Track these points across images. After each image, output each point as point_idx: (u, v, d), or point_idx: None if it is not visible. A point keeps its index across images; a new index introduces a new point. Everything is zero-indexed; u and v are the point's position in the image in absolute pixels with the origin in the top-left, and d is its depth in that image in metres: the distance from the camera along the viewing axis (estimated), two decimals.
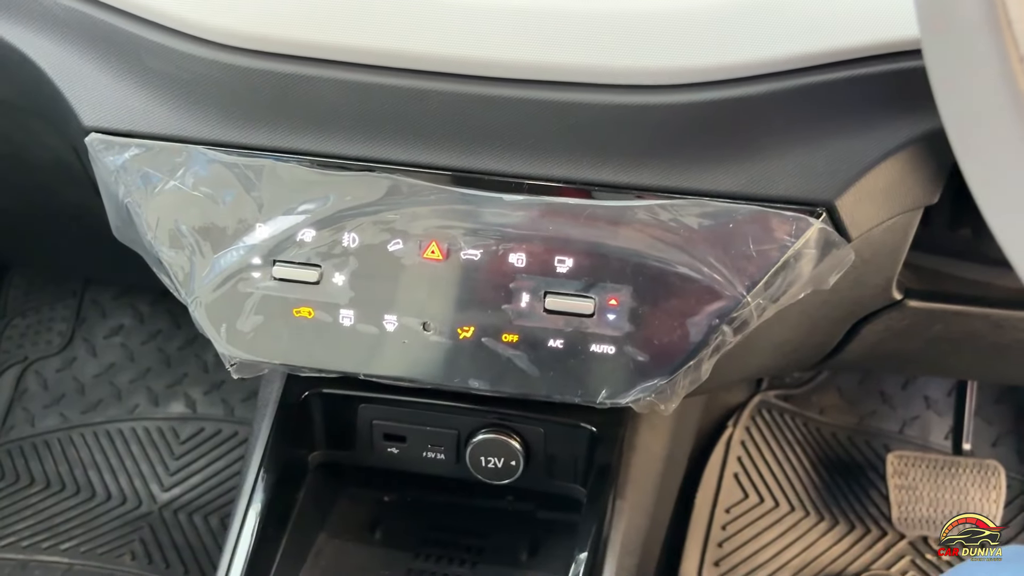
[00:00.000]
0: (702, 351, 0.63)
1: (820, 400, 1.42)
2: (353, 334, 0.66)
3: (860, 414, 1.41)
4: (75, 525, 1.37)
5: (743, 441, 1.34)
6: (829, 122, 0.58)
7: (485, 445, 0.77)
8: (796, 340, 0.79)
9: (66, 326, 1.55)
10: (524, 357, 0.65)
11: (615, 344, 0.63)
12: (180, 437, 1.47)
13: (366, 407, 0.78)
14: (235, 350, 0.67)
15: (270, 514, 0.72)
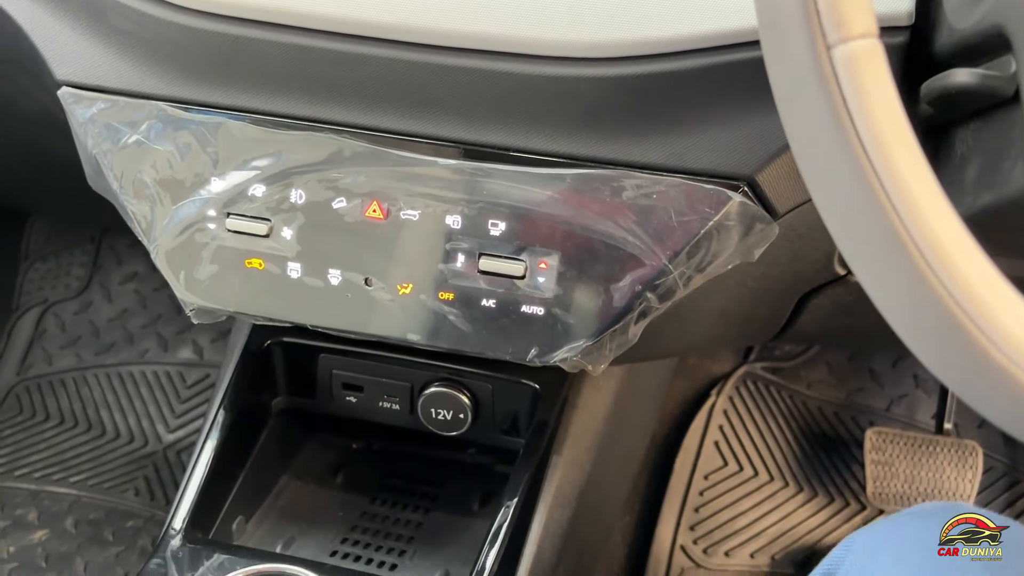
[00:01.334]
0: (627, 316, 0.66)
1: (808, 374, 1.43)
2: (300, 286, 0.69)
3: (848, 390, 1.42)
4: (84, 460, 1.44)
5: (725, 410, 1.37)
6: (751, 99, 0.60)
7: (436, 398, 0.80)
8: (740, 311, 0.80)
9: (84, 271, 1.61)
10: (459, 314, 0.68)
11: (544, 305, 0.66)
12: (187, 382, 1.53)
13: (326, 357, 0.82)
14: (193, 296, 0.71)
15: (226, 452, 0.77)
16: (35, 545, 1.31)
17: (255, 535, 0.80)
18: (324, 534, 0.82)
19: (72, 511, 1.36)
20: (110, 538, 1.32)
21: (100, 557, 1.30)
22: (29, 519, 1.35)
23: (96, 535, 1.33)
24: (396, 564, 0.80)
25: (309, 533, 0.82)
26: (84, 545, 1.31)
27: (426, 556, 0.81)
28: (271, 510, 0.84)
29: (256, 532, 0.81)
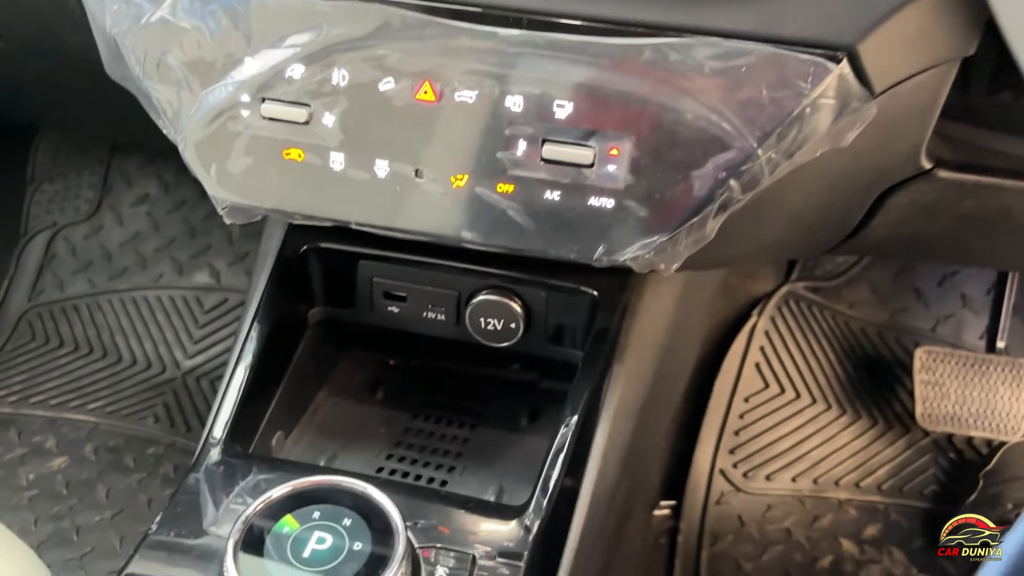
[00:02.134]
0: (707, 207, 0.60)
1: (851, 294, 1.37)
2: (343, 179, 0.63)
3: (892, 310, 1.37)
4: (102, 387, 1.40)
5: (767, 331, 1.31)
6: None
7: (485, 306, 0.75)
8: (814, 213, 0.74)
9: (93, 193, 1.55)
10: (519, 209, 0.62)
11: (614, 197, 0.60)
12: (204, 307, 1.48)
13: (366, 264, 0.76)
14: (225, 192, 0.66)
15: (263, 365, 0.71)
16: (54, 472, 1.27)
17: (295, 451, 0.76)
18: (367, 450, 0.77)
19: (91, 438, 1.32)
20: (131, 465, 1.29)
21: (122, 483, 1.26)
22: (47, 446, 1.31)
23: (116, 462, 1.29)
24: (446, 480, 0.75)
25: (351, 449, 0.77)
26: (105, 472, 1.27)
27: (476, 472, 0.76)
28: (309, 426, 0.79)
29: (296, 448, 0.76)
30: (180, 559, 0.57)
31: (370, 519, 0.56)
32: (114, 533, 1.20)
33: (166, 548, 0.58)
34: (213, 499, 0.61)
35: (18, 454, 1.30)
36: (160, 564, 0.57)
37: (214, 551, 0.58)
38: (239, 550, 0.54)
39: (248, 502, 0.61)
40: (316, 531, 0.55)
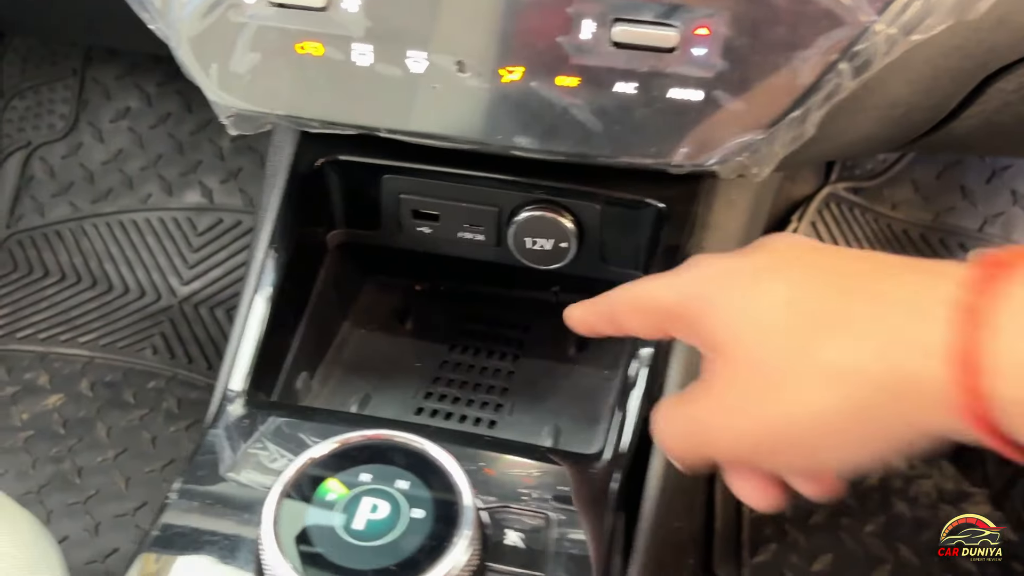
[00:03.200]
0: (812, 97, 0.50)
1: (893, 194, 1.28)
2: (371, 76, 0.53)
3: (936, 210, 1.28)
4: (93, 318, 1.30)
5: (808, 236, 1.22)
6: None
7: (531, 224, 0.65)
8: (911, 100, 0.64)
9: (68, 108, 1.43)
10: (584, 106, 0.52)
11: (702, 87, 0.50)
12: (197, 229, 1.38)
13: (391, 178, 0.66)
14: (229, 97, 0.55)
15: (281, 298, 0.62)
16: (50, 411, 1.19)
17: (322, 394, 0.67)
18: (403, 389, 0.69)
19: (86, 373, 1.23)
20: (131, 400, 1.20)
21: (123, 421, 1.18)
22: (40, 383, 1.22)
23: (115, 398, 1.20)
24: (494, 420, 0.67)
25: (385, 389, 0.68)
26: (103, 409, 1.19)
27: (527, 410, 0.68)
28: (335, 364, 0.70)
29: (323, 390, 0.67)
30: (205, 545, 0.48)
31: (429, 480, 0.48)
32: (119, 474, 1.12)
33: (186, 527, 0.50)
34: (240, 461, 0.53)
35: (9, 392, 1.21)
36: (179, 550, 0.49)
37: (247, 524, 0.49)
38: (279, 528, 0.45)
39: (281, 462, 0.52)
40: (368, 497, 0.47)
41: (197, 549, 0.48)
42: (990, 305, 0.32)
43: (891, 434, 0.36)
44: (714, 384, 0.41)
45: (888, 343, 0.34)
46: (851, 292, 0.37)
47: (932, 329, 0.33)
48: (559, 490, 0.52)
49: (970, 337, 0.32)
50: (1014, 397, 0.31)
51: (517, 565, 0.48)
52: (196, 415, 1.19)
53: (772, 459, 0.40)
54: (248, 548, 0.48)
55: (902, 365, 0.34)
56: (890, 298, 0.35)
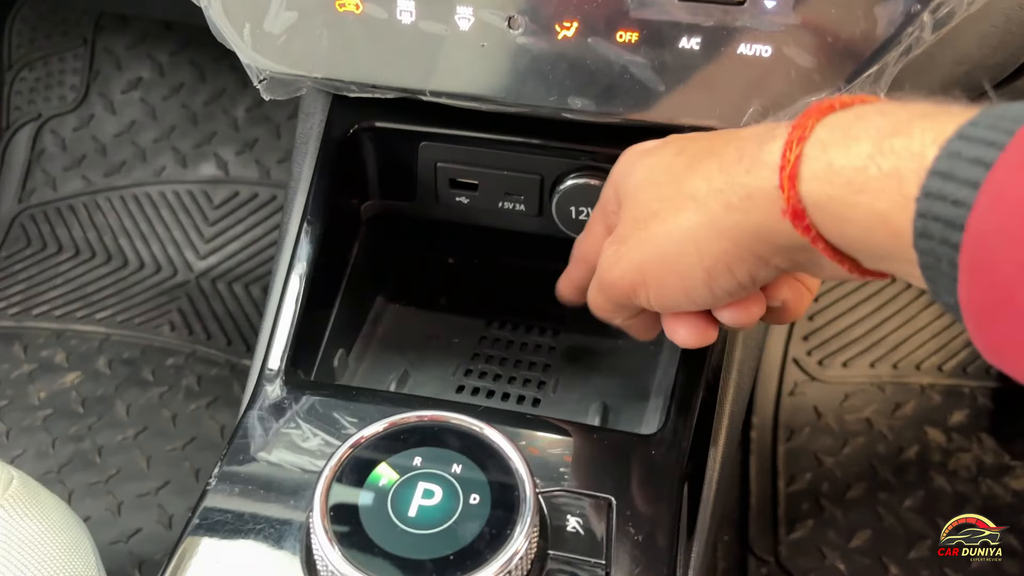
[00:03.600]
0: (890, 53, 0.47)
1: None
2: (415, 35, 0.50)
3: None
4: (109, 294, 1.28)
5: None
6: None
7: (576, 192, 0.62)
8: (978, 56, 0.61)
9: (79, 79, 1.39)
10: (645, 64, 0.48)
11: (772, 43, 0.47)
12: (213, 202, 1.35)
13: (428, 145, 0.63)
14: (263, 59, 0.52)
15: (318, 274, 0.59)
16: (68, 389, 1.17)
17: (359, 372, 0.64)
18: (442, 366, 0.66)
19: (103, 350, 1.21)
20: (150, 378, 1.18)
21: (142, 399, 1.16)
22: (57, 361, 1.20)
23: (134, 375, 1.18)
24: (538, 398, 0.64)
25: (423, 366, 0.66)
26: (122, 387, 1.17)
27: (572, 387, 0.65)
28: (371, 340, 0.67)
29: (360, 368, 0.64)
30: (250, 530, 0.46)
31: (485, 464, 0.45)
32: (139, 453, 1.10)
33: (228, 512, 0.47)
34: (282, 443, 0.50)
35: (26, 371, 1.19)
36: (223, 536, 0.46)
37: (292, 509, 0.47)
38: (328, 516, 0.43)
39: (325, 443, 0.49)
40: (422, 482, 0.44)
41: (242, 535, 0.46)
42: (812, 128, 0.38)
43: (744, 245, 0.42)
44: (617, 229, 0.48)
45: (737, 166, 0.41)
46: (724, 138, 0.43)
47: (771, 150, 0.39)
48: (619, 472, 0.49)
49: (794, 153, 0.38)
50: (816, 198, 0.38)
51: (580, 552, 0.45)
52: (216, 392, 1.17)
53: (659, 290, 0.46)
54: (294, 534, 0.46)
55: (746, 182, 0.40)
56: (748, 135, 0.42)
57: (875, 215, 0.36)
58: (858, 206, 0.36)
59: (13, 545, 0.51)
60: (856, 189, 0.36)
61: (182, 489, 1.06)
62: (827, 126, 0.38)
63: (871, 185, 0.36)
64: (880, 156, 0.36)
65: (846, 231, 0.38)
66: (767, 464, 1.09)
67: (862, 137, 0.36)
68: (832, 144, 0.37)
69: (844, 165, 0.37)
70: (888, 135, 0.36)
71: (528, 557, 0.43)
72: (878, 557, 0.99)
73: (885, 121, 0.36)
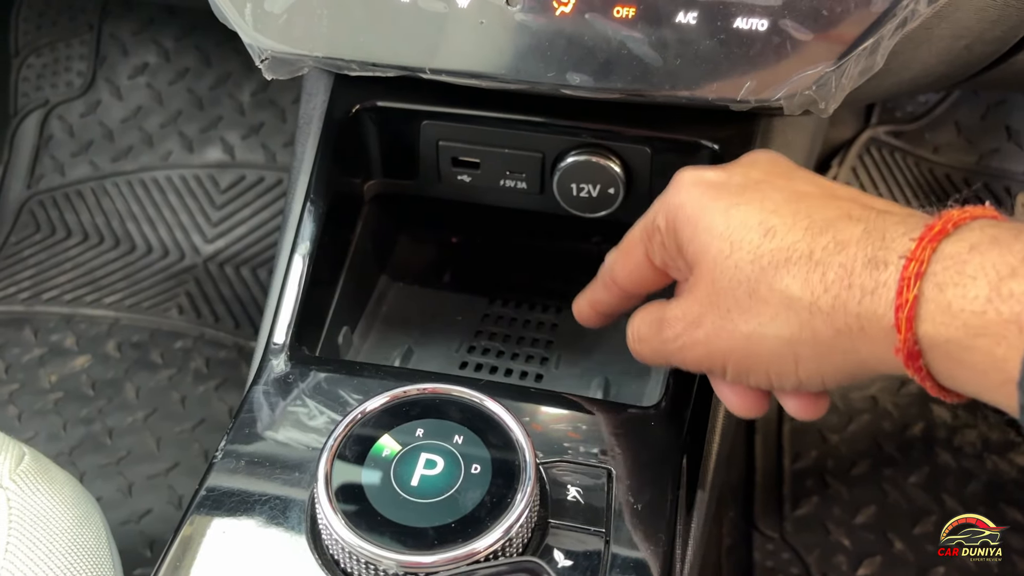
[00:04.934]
0: (885, 25, 0.47)
1: (935, 137, 1.24)
2: (414, 13, 0.50)
3: (980, 152, 1.24)
4: (118, 279, 1.29)
5: (848, 182, 1.18)
6: None
7: (577, 169, 0.62)
8: (978, 30, 0.61)
9: (85, 65, 1.40)
10: (642, 39, 0.49)
11: (769, 16, 0.47)
12: (220, 186, 1.35)
13: (430, 124, 0.63)
14: (265, 38, 0.52)
15: (322, 253, 0.60)
16: (78, 372, 1.18)
17: (363, 348, 0.65)
18: (446, 343, 0.67)
19: (112, 334, 1.22)
20: (159, 361, 1.19)
21: (151, 381, 1.17)
22: (67, 345, 1.21)
23: (143, 358, 1.19)
24: (541, 374, 0.65)
25: (427, 343, 0.66)
26: (132, 370, 1.18)
27: (574, 363, 0.66)
28: (374, 318, 0.68)
29: (364, 344, 0.65)
30: (255, 505, 0.47)
31: (486, 436, 0.46)
32: (149, 435, 1.12)
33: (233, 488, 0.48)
34: (286, 418, 0.51)
35: (37, 354, 1.20)
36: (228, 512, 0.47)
37: (297, 483, 0.48)
38: (333, 486, 0.43)
39: (329, 418, 0.50)
40: (424, 453, 0.45)
41: (247, 510, 0.47)
42: (929, 259, 0.36)
43: (842, 361, 0.41)
44: (689, 300, 0.45)
45: (846, 290, 0.39)
46: (818, 230, 0.40)
47: (884, 281, 0.37)
48: (619, 443, 0.50)
49: (912, 293, 0.36)
50: (932, 339, 0.36)
51: (580, 521, 0.46)
52: (225, 374, 1.18)
53: (738, 374, 0.44)
54: (299, 508, 0.47)
55: (859, 312, 0.38)
56: (849, 240, 0.39)
57: (992, 360, 0.35)
58: (975, 350, 0.35)
59: (26, 520, 0.52)
60: (974, 333, 0.35)
61: (191, 470, 1.07)
62: (941, 260, 0.36)
63: (990, 330, 0.35)
64: (999, 300, 0.35)
65: (958, 372, 0.37)
66: (772, 441, 1.09)
67: (979, 276, 0.35)
68: (949, 284, 0.36)
69: (962, 308, 0.36)
70: (1007, 276, 0.35)
71: (528, 525, 0.44)
72: (883, 533, 0.99)
73: (1001, 257, 0.35)
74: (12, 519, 0.52)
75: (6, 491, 0.53)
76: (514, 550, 0.43)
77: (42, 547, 0.51)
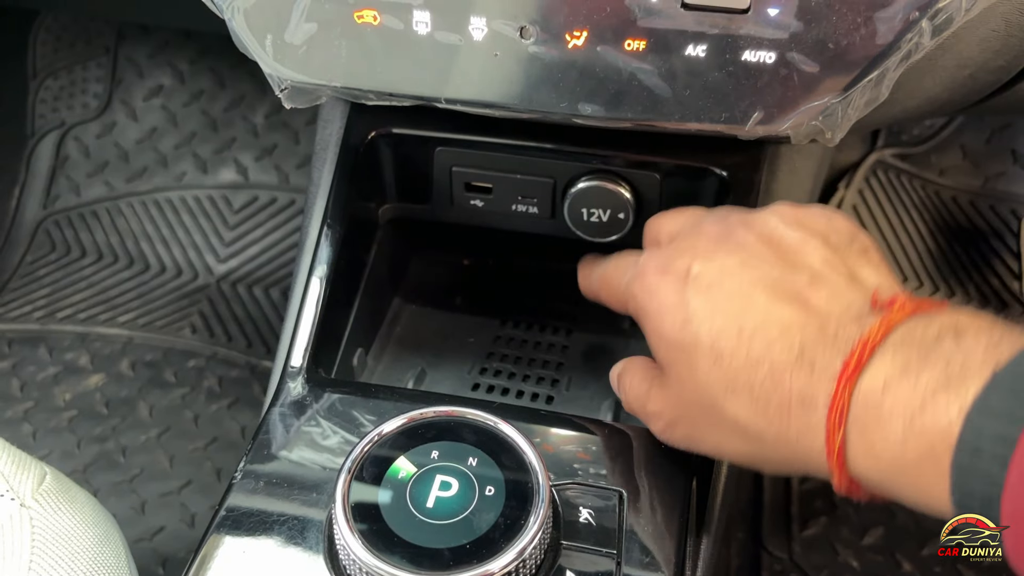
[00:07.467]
0: (889, 58, 0.48)
1: (941, 160, 1.25)
2: (430, 46, 0.51)
3: (985, 175, 1.25)
4: (131, 298, 1.31)
5: (855, 205, 1.20)
6: None
7: (588, 195, 0.63)
8: (980, 60, 0.62)
9: (102, 87, 1.42)
10: (652, 71, 0.50)
11: (776, 49, 0.48)
12: (233, 206, 1.37)
13: (444, 151, 0.65)
14: (285, 69, 0.54)
15: (338, 276, 0.61)
16: (92, 391, 1.19)
17: (377, 370, 0.66)
18: (458, 365, 0.68)
19: (126, 353, 1.23)
20: (172, 380, 1.20)
21: (164, 400, 1.18)
22: (81, 363, 1.22)
23: (156, 377, 1.21)
24: (551, 396, 0.66)
25: (440, 365, 0.67)
26: (145, 388, 1.19)
27: (583, 385, 0.67)
28: (388, 340, 0.69)
29: (379, 366, 0.66)
30: (273, 526, 0.48)
31: (499, 458, 0.47)
32: (162, 453, 1.13)
33: (252, 508, 0.49)
34: (304, 439, 0.52)
35: (51, 373, 1.21)
36: (247, 532, 0.48)
37: (315, 503, 0.49)
38: (349, 508, 0.44)
39: (346, 440, 0.51)
40: (439, 475, 0.46)
41: (265, 530, 0.48)
42: (849, 402, 0.39)
43: (781, 466, 0.45)
44: (666, 400, 0.49)
45: (781, 421, 0.42)
46: (756, 359, 0.43)
47: (814, 425, 0.40)
48: (629, 465, 0.51)
49: (837, 440, 0.39)
50: (866, 474, 0.39)
51: (591, 543, 0.47)
52: (237, 393, 1.19)
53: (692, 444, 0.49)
54: (317, 528, 0.48)
55: (797, 450, 0.42)
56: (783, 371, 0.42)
57: (921, 491, 0.38)
58: (903, 484, 0.38)
59: (48, 539, 0.53)
60: (899, 470, 0.38)
61: (204, 488, 1.08)
62: (861, 400, 0.39)
63: (911, 467, 0.37)
64: (914, 438, 0.37)
65: (899, 496, 0.40)
66: None
67: (895, 414, 0.38)
68: (870, 426, 0.38)
69: (884, 449, 0.38)
70: (918, 412, 0.37)
71: (541, 547, 0.45)
72: (891, 554, 1.00)
73: (913, 391, 0.37)
74: (35, 538, 0.53)
75: (29, 511, 0.54)
76: (527, 571, 0.44)
77: (64, 566, 0.52)
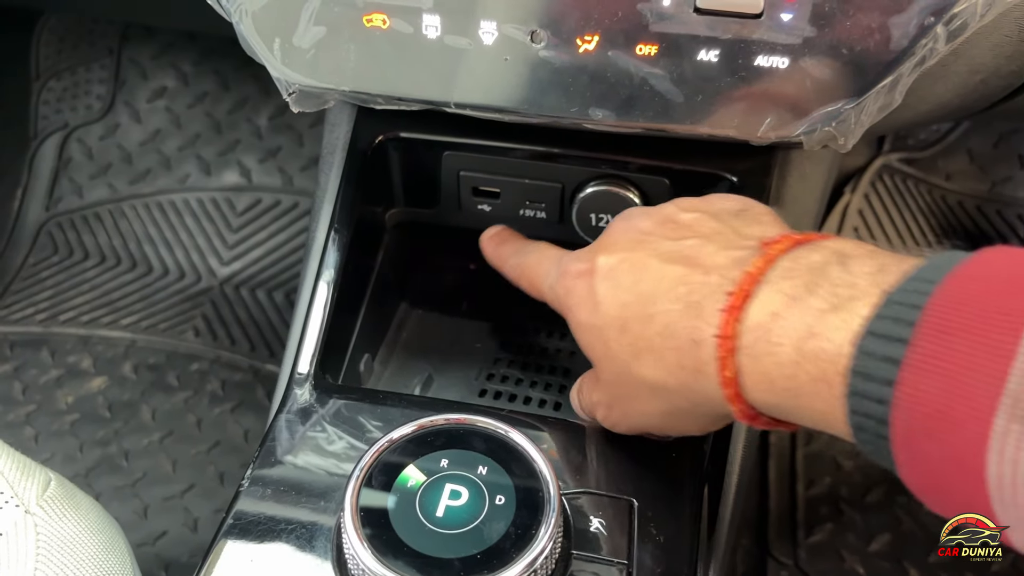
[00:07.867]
0: (903, 64, 0.48)
1: (947, 165, 1.25)
2: (440, 49, 0.51)
3: (992, 180, 1.24)
4: (134, 301, 1.30)
5: (861, 210, 1.20)
6: None
7: (596, 199, 0.63)
8: (993, 65, 0.62)
9: (105, 89, 1.42)
10: (664, 76, 0.50)
11: (790, 55, 0.48)
12: (236, 209, 1.37)
13: (452, 155, 0.64)
14: (293, 73, 0.53)
15: (345, 281, 0.60)
16: (94, 394, 1.19)
17: (384, 376, 0.66)
18: (465, 371, 0.67)
19: (129, 356, 1.23)
20: (174, 383, 1.20)
21: (167, 404, 1.18)
22: (83, 366, 1.22)
23: (159, 380, 1.20)
24: (559, 402, 0.65)
25: (447, 370, 0.67)
26: (148, 392, 1.19)
27: None
28: (395, 345, 0.69)
29: (385, 372, 0.66)
30: (281, 533, 0.47)
31: (510, 467, 0.46)
32: (165, 457, 1.12)
33: (260, 515, 0.48)
34: (312, 446, 0.51)
35: (53, 376, 1.21)
36: (255, 538, 0.47)
37: (323, 511, 0.48)
38: (358, 516, 0.44)
39: (354, 446, 0.51)
40: (448, 483, 0.46)
41: (273, 537, 0.47)
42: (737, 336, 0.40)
43: (701, 418, 0.47)
44: (599, 386, 0.51)
45: (680, 366, 0.43)
46: (653, 318, 0.44)
47: (702, 356, 0.41)
48: (640, 474, 0.50)
49: (731, 371, 0.40)
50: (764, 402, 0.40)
51: (603, 553, 0.46)
52: (240, 397, 1.19)
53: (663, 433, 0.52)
54: (325, 536, 0.47)
55: (692, 386, 0.43)
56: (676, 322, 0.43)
57: (818, 414, 0.38)
58: (801, 408, 0.38)
59: (53, 546, 0.53)
60: (794, 394, 0.38)
61: (207, 492, 1.08)
62: (750, 330, 0.39)
63: (805, 390, 0.37)
64: (805, 362, 0.37)
65: (799, 421, 0.40)
66: (786, 468, 1.09)
67: (785, 340, 0.38)
68: (762, 354, 0.39)
69: (777, 375, 0.39)
70: (808, 336, 0.37)
71: (552, 557, 0.44)
72: (897, 560, 0.99)
73: (800, 319, 0.38)
74: (40, 545, 0.52)
75: (34, 517, 0.54)
76: None
77: (69, 573, 0.52)
